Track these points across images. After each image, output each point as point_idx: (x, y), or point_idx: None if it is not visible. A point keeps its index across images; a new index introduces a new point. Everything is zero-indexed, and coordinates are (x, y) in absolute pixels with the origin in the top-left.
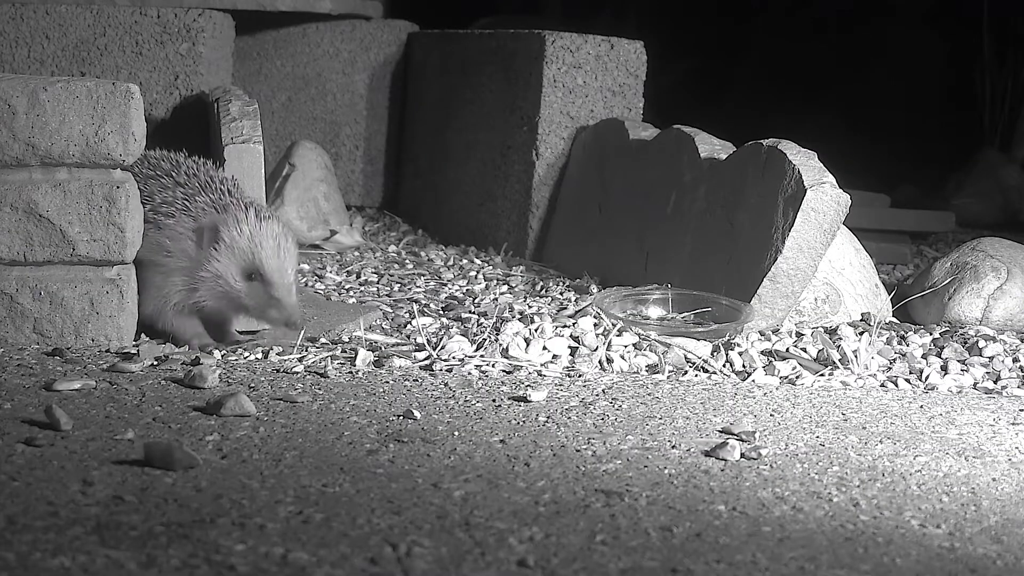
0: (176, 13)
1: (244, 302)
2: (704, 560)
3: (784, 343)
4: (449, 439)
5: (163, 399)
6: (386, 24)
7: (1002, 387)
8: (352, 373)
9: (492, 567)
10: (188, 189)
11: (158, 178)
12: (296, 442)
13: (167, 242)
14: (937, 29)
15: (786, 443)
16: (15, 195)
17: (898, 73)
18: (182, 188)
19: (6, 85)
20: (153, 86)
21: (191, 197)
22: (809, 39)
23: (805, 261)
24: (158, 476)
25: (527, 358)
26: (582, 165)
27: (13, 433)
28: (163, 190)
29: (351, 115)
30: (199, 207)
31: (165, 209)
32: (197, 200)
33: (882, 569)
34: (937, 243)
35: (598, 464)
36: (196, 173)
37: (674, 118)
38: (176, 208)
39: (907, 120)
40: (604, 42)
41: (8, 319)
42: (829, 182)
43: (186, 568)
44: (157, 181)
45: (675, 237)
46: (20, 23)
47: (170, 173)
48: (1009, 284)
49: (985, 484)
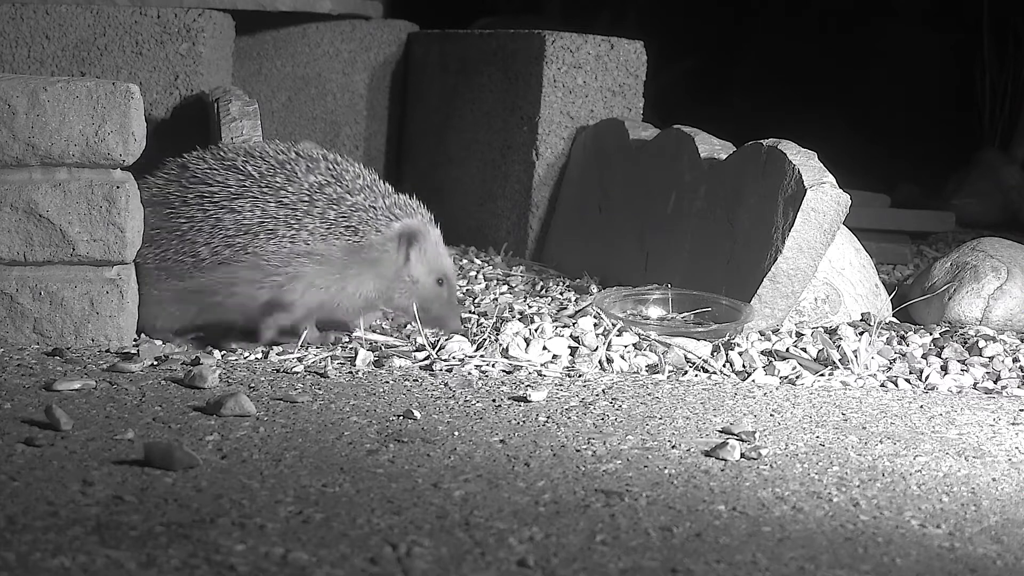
0: (176, 13)
1: (429, 305)
2: (704, 560)
3: (784, 343)
4: (449, 439)
5: (163, 399)
6: (386, 24)
7: (1002, 387)
8: (352, 373)
9: (492, 567)
10: (365, 193)
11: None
12: (296, 442)
13: (368, 247)
14: (937, 29)
15: (786, 443)
16: (15, 195)
17: (898, 73)
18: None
19: (6, 85)
20: (153, 86)
21: (376, 201)
22: (809, 39)
23: (805, 261)
24: (158, 476)
25: (527, 358)
26: (582, 165)
27: (13, 433)
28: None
29: (351, 115)
30: (386, 212)
31: (359, 216)
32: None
33: (882, 569)
34: (937, 243)
35: (598, 464)
36: (360, 173)
37: (674, 118)
38: (369, 214)
39: (907, 120)
40: (604, 42)
41: (8, 319)
42: (829, 182)
43: (186, 568)
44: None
45: (675, 237)
46: (20, 23)
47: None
48: (1009, 284)
49: (985, 484)
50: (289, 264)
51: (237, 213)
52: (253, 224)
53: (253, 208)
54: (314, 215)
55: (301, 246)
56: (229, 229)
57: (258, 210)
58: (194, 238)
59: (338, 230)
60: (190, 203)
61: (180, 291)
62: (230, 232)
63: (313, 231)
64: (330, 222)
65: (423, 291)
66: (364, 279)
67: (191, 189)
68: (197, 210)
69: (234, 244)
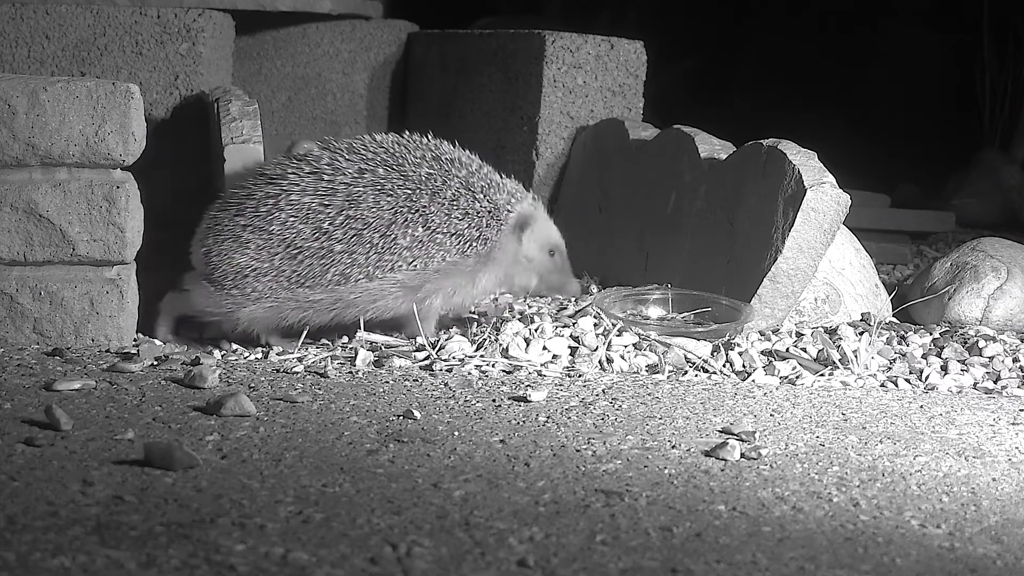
0: (176, 13)
1: (547, 277)
2: (704, 560)
3: (784, 343)
4: (449, 439)
5: (163, 399)
6: (386, 24)
7: (1002, 387)
8: (352, 373)
9: (492, 567)
10: (487, 192)
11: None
12: (296, 442)
13: (493, 247)
14: (937, 29)
15: (786, 443)
16: (15, 195)
17: (898, 73)
18: (484, 194)
19: (6, 85)
20: (153, 86)
21: (497, 196)
22: (809, 39)
23: (805, 261)
24: (158, 476)
25: (527, 358)
26: (582, 165)
27: (13, 433)
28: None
29: (351, 115)
30: (504, 207)
31: (485, 220)
32: (503, 199)
33: (882, 569)
34: (937, 243)
35: (598, 464)
36: (468, 161)
37: (674, 118)
38: (492, 217)
39: (907, 120)
40: (604, 42)
41: (8, 319)
42: (829, 182)
43: (186, 568)
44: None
45: (675, 237)
46: (20, 23)
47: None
48: (1009, 284)
49: (985, 484)
50: (428, 281)
51: (389, 238)
52: (402, 248)
53: (405, 233)
54: (451, 231)
55: (439, 263)
56: (380, 251)
57: (407, 236)
58: (338, 258)
59: (470, 243)
60: (339, 226)
61: (306, 301)
62: (379, 253)
63: (450, 248)
64: (464, 238)
65: (539, 267)
66: (489, 275)
67: (342, 213)
68: (348, 231)
69: (382, 264)
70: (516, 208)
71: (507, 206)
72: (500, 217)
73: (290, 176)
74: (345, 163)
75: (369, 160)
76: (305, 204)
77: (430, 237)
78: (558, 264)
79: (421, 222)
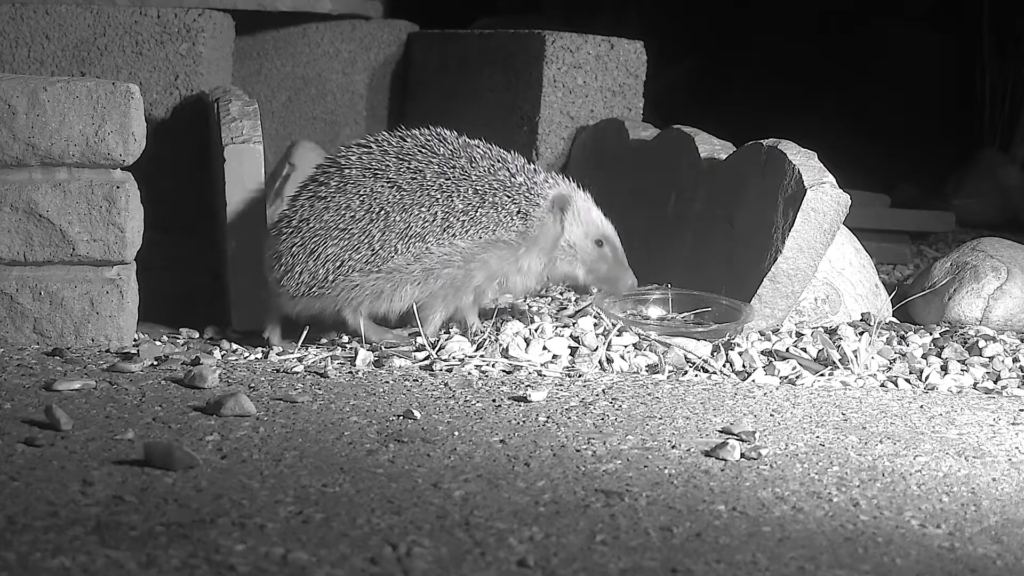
0: (176, 13)
1: (596, 268)
2: (704, 560)
3: (784, 343)
4: (449, 439)
5: (163, 399)
6: (386, 24)
7: (1002, 387)
8: (352, 373)
9: (492, 567)
10: (525, 172)
11: (500, 167)
12: (296, 442)
13: (532, 225)
14: (937, 29)
15: (786, 443)
16: (15, 195)
17: (898, 73)
18: (522, 173)
19: (6, 85)
20: (153, 86)
21: (535, 177)
22: (809, 39)
23: (805, 261)
24: (158, 476)
25: (527, 358)
26: (582, 165)
27: (13, 433)
28: (513, 177)
29: (351, 115)
30: (541, 186)
31: (524, 197)
32: (540, 179)
33: (882, 569)
34: (937, 243)
35: (598, 464)
36: (505, 156)
37: (674, 118)
38: (531, 193)
39: (907, 120)
40: (604, 42)
41: (8, 319)
42: (829, 182)
43: (186, 568)
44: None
45: (675, 237)
46: (20, 23)
47: (504, 159)
48: (1009, 284)
49: (985, 484)
50: (473, 259)
51: (443, 204)
52: (459, 212)
53: (451, 204)
54: (491, 205)
55: (483, 237)
56: (424, 226)
57: (441, 212)
58: (387, 236)
59: (510, 217)
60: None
61: (351, 286)
62: (423, 230)
63: (489, 222)
64: (504, 211)
65: (584, 256)
66: (532, 256)
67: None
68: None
69: (427, 239)
70: (554, 189)
71: (544, 183)
72: (538, 192)
73: (351, 159)
74: (394, 146)
75: (414, 149)
76: (367, 186)
77: (480, 201)
78: (607, 256)
79: (458, 195)
